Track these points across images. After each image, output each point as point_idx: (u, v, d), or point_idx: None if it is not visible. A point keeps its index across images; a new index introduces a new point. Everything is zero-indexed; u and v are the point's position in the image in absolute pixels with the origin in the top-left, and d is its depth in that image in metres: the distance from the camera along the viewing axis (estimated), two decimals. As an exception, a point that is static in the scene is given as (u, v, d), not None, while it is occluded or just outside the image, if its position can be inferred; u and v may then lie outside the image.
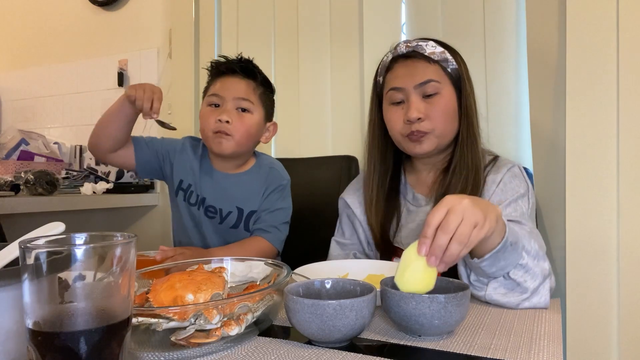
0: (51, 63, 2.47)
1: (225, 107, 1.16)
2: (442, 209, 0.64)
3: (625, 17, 1.11)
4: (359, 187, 1.12)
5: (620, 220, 1.12)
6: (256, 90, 1.20)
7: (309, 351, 0.58)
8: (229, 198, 1.22)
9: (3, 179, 1.71)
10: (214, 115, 1.16)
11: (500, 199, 0.93)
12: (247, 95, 1.17)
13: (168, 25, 2.06)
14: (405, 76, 0.98)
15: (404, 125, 0.98)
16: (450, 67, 0.99)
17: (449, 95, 0.98)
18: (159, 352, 0.56)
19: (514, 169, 0.98)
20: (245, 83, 1.19)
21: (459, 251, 0.63)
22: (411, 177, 1.09)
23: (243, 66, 1.20)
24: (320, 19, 1.67)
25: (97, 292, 0.39)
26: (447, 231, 0.63)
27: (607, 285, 1.14)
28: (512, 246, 0.72)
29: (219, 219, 1.23)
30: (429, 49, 0.98)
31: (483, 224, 0.65)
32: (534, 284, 0.75)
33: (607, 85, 1.13)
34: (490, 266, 0.73)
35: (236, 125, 1.15)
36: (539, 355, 0.56)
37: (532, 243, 0.77)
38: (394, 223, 1.04)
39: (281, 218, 1.22)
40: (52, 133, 2.44)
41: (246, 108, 1.17)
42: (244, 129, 1.16)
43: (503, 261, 0.72)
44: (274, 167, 1.27)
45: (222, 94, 1.17)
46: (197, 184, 1.24)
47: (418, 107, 0.96)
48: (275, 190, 1.23)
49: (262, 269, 0.79)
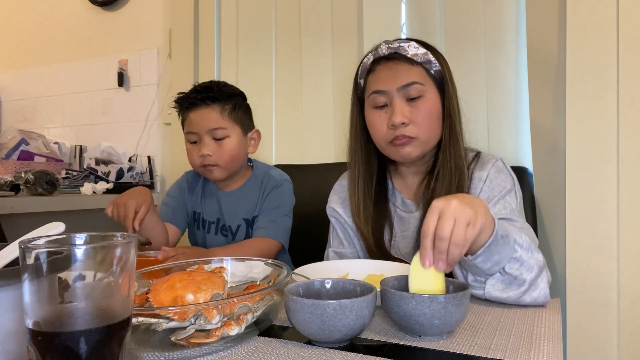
0: (51, 63, 2.47)
1: (202, 141, 1.19)
2: (433, 215, 0.66)
3: (625, 17, 1.11)
4: (345, 195, 1.08)
5: (620, 219, 1.12)
6: (224, 112, 1.20)
7: (309, 351, 0.58)
8: (235, 214, 1.27)
9: (3, 179, 1.71)
10: (195, 151, 1.21)
11: (488, 196, 0.93)
12: (218, 123, 1.19)
13: (168, 25, 2.06)
14: (387, 79, 0.95)
15: (387, 131, 0.95)
16: (434, 69, 0.96)
17: (433, 98, 0.95)
18: (159, 352, 0.56)
19: (497, 163, 0.97)
20: (211, 111, 1.19)
21: (459, 252, 0.65)
22: (397, 182, 1.06)
23: (204, 96, 1.19)
24: (320, 19, 1.67)
25: (97, 292, 0.39)
26: (444, 237, 0.64)
27: (607, 285, 1.14)
28: (503, 239, 0.72)
29: (232, 236, 1.28)
30: (411, 50, 0.95)
31: (475, 221, 0.66)
32: (530, 275, 0.75)
33: (607, 85, 1.13)
34: (485, 262, 0.73)
35: (218, 155, 1.19)
36: (539, 355, 0.56)
37: (523, 236, 0.77)
38: (387, 231, 1.02)
39: (279, 212, 1.24)
40: (52, 133, 2.44)
41: (222, 136, 1.19)
42: (227, 155, 1.20)
43: (497, 255, 0.73)
44: (269, 173, 1.30)
45: (195, 130, 1.20)
46: (204, 209, 1.31)
47: (402, 111, 0.93)
48: (272, 191, 1.26)
49: (262, 269, 0.78)
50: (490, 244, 0.71)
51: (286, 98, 1.76)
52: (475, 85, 1.41)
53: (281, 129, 1.78)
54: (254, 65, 1.82)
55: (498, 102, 1.39)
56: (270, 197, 1.25)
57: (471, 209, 0.66)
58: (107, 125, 2.29)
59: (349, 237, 1.09)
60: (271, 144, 1.79)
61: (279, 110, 1.78)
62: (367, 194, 1.02)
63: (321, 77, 1.68)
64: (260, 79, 1.80)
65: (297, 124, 1.73)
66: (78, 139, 2.36)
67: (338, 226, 1.10)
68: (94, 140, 2.30)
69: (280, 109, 1.78)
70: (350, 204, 1.05)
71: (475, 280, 0.78)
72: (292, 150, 1.75)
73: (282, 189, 1.27)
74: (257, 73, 1.80)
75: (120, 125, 2.25)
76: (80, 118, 2.38)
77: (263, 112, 1.78)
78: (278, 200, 1.25)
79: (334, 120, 1.65)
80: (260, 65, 1.80)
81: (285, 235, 1.23)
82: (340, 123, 1.64)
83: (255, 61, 1.82)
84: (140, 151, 2.16)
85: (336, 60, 1.65)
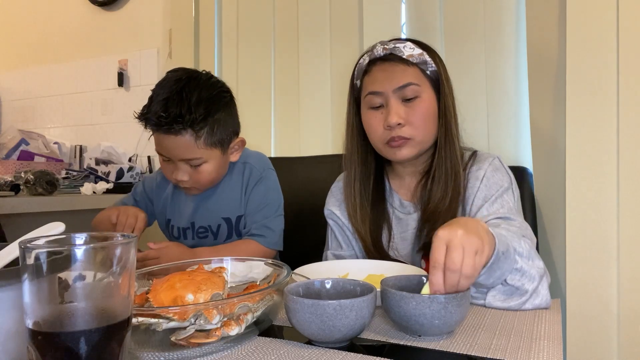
0: (51, 63, 2.47)
1: (176, 166, 1.04)
2: (441, 246, 0.65)
3: (625, 17, 1.11)
4: (342, 197, 1.06)
5: (620, 220, 1.12)
6: (199, 140, 1.00)
7: (309, 351, 0.58)
8: (211, 212, 1.15)
9: (3, 179, 1.71)
10: (169, 169, 1.06)
11: (485, 195, 0.93)
12: (192, 153, 1.01)
13: (168, 25, 2.06)
14: (383, 80, 0.95)
15: (384, 131, 0.95)
16: (430, 69, 0.96)
17: (429, 98, 0.95)
18: (159, 352, 0.56)
19: (494, 161, 0.97)
20: (183, 140, 0.99)
21: (469, 283, 0.64)
22: (395, 182, 1.06)
23: (172, 120, 0.96)
24: (320, 18, 1.67)
25: (97, 292, 0.39)
26: (455, 270, 0.63)
27: (607, 285, 1.13)
28: (504, 255, 0.71)
29: (213, 236, 1.17)
30: (407, 50, 0.95)
31: (483, 249, 0.65)
32: (532, 285, 0.75)
33: (607, 85, 1.13)
34: (487, 279, 0.73)
35: (194, 179, 1.05)
36: (539, 356, 0.56)
37: (522, 243, 0.77)
38: (385, 232, 1.02)
39: (271, 213, 1.14)
40: (52, 133, 2.44)
41: (198, 164, 1.03)
42: (204, 180, 1.07)
43: (498, 271, 0.72)
44: (248, 162, 1.16)
45: (166, 154, 1.03)
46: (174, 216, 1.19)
47: (398, 111, 0.93)
48: (256, 184, 1.14)
49: (262, 269, 0.78)
50: (493, 263, 0.70)
51: (286, 98, 1.76)
52: (475, 85, 1.41)
53: (280, 126, 1.78)
54: (253, 66, 1.82)
55: (498, 102, 1.39)
56: (256, 194, 1.14)
57: (477, 237, 0.65)
58: (107, 125, 2.29)
59: (347, 240, 1.08)
60: (269, 141, 1.79)
61: (278, 110, 1.79)
62: (364, 195, 1.02)
63: (321, 77, 1.68)
64: (260, 79, 1.80)
65: (295, 121, 1.73)
66: (78, 139, 2.36)
67: (336, 228, 1.09)
68: (94, 140, 2.30)
69: (280, 109, 1.78)
70: (347, 205, 1.04)
71: (476, 291, 0.78)
72: (290, 145, 1.75)
73: (268, 182, 1.15)
74: (257, 73, 1.81)
75: (120, 125, 2.25)
76: (80, 118, 2.38)
77: (262, 111, 1.79)
78: (266, 196, 1.14)
79: (332, 118, 1.66)
80: (260, 65, 1.81)
81: (281, 239, 1.16)
82: (338, 119, 1.64)
83: (255, 61, 1.82)
84: (140, 151, 2.17)
85: (339, 62, 1.65)
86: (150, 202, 1.24)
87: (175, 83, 1.01)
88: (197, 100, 0.99)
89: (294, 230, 1.25)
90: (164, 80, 1.04)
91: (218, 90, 1.05)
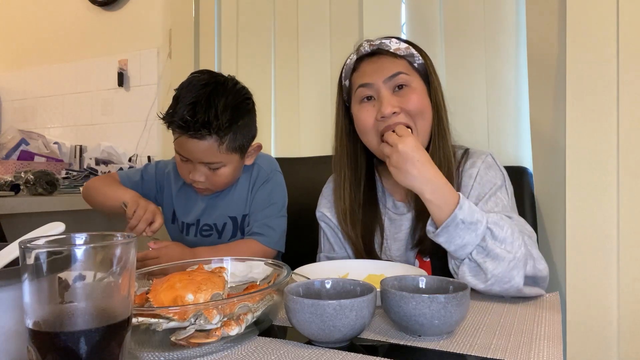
0: (51, 63, 2.47)
1: (195, 167, 1.06)
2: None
3: (625, 17, 1.11)
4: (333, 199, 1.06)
5: (620, 219, 1.12)
6: (222, 145, 1.02)
7: (309, 351, 0.58)
8: (219, 211, 1.16)
9: (3, 179, 1.71)
10: (186, 169, 1.08)
11: (479, 193, 0.93)
12: (214, 157, 1.03)
13: (168, 25, 2.06)
14: (372, 72, 0.94)
15: (375, 122, 0.93)
16: (417, 62, 0.97)
17: (420, 88, 0.95)
18: (159, 352, 0.56)
19: (487, 159, 0.97)
20: (207, 144, 1.01)
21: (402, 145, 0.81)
22: (387, 183, 1.04)
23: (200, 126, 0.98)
24: (320, 19, 1.67)
25: (97, 292, 0.39)
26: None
27: (607, 285, 1.13)
28: (464, 224, 0.74)
29: (217, 234, 1.18)
30: (393, 45, 0.96)
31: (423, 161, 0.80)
32: (497, 269, 0.74)
33: (607, 85, 1.13)
34: (448, 243, 0.76)
35: (210, 181, 1.08)
36: (539, 355, 0.56)
37: (505, 229, 0.76)
38: (378, 234, 1.00)
39: (274, 213, 1.15)
40: (52, 133, 2.44)
41: (217, 167, 1.06)
42: (221, 182, 1.09)
43: (459, 239, 0.75)
44: (256, 163, 1.18)
45: (186, 156, 1.05)
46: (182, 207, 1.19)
47: (391, 101, 0.91)
48: (263, 185, 1.16)
49: (263, 269, 0.79)
50: (448, 225, 0.74)
51: (286, 98, 1.76)
52: (475, 85, 1.41)
53: (280, 126, 1.78)
54: (253, 66, 1.81)
55: (498, 102, 1.39)
56: (261, 193, 1.15)
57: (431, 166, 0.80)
58: (107, 125, 2.29)
59: (339, 242, 1.06)
60: (269, 141, 1.79)
61: (278, 110, 1.78)
62: (355, 199, 1.00)
63: (321, 77, 1.68)
64: (260, 79, 1.80)
65: (295, 122, 1.73)
66: (78, 139, 2.36)
67: (328, 231, 1.08)
68: (94, 140, 2.30)
69: (280, 109, 1.78)
70: (336, 209, 1.03)
71: (454, 264, 0.81)
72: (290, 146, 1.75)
73: (274, 183, 1.17)
74: (257, 73, 1.80)
75: (120, 125, 2.25)
76: (80, 118, 2.38)
77: (262, 111, 1.78)
78: (270, 196, 1.15)
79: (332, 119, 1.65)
80: (260, 65, 1.80)
81: (282, 240, 1.16)
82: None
83: (255, 61, 1.82)
84: (140, 151, 2.16)
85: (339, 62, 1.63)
86: (159, 188, 1.22)
87: (202, 87, 1.02)
88: (224, 107, 1.01)
89: (294, 231, 1.25)
90: (190, 82, 1.05)
91: (243, 97, 1.08)
